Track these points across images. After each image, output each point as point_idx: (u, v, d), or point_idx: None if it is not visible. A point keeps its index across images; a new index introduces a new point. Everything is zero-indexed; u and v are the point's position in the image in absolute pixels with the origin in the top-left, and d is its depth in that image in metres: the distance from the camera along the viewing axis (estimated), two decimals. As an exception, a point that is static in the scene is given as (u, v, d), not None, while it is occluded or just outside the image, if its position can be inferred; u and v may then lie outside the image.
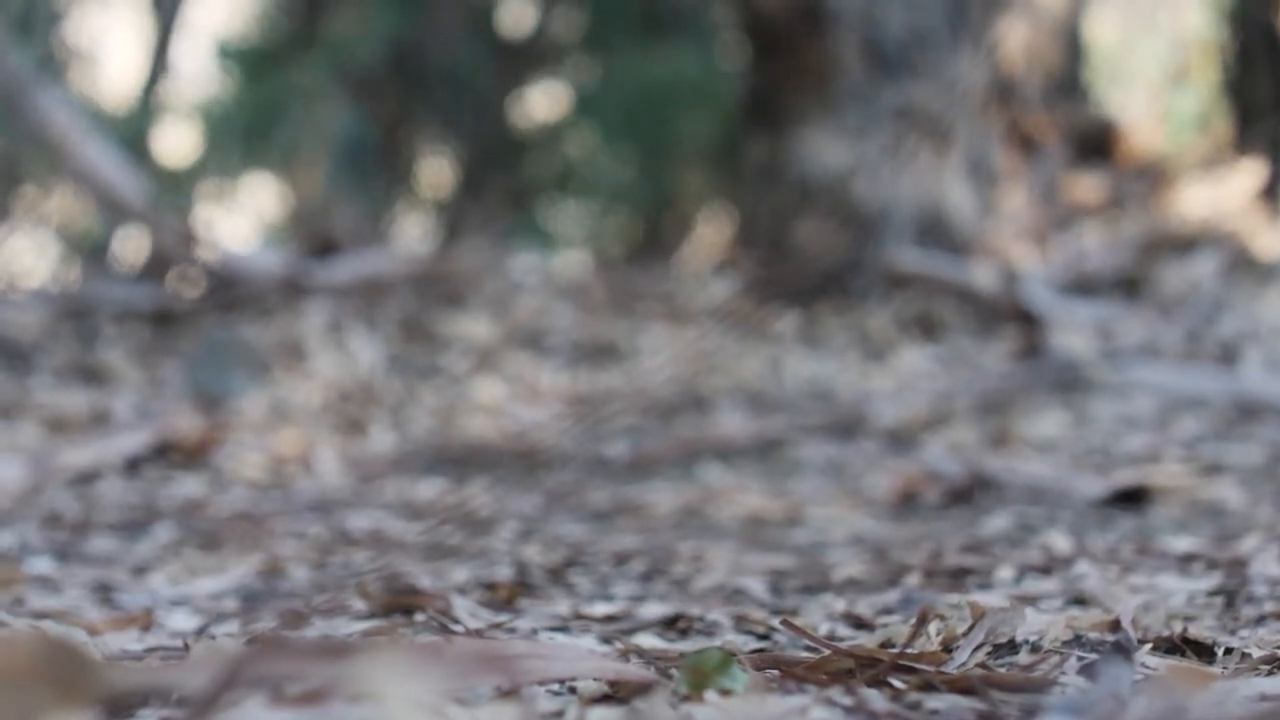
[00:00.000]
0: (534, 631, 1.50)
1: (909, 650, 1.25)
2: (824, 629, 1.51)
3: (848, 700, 1.10)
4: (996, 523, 2.19)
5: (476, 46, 8.05)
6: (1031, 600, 1.63)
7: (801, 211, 4.65)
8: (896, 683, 1.16)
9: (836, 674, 1.18)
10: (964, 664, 1.23)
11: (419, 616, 1.53)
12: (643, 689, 1.14)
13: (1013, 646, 1.32)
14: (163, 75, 8.10)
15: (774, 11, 4.67)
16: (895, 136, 4.67)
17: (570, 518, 2.39)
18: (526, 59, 8.32)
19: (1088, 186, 6.01)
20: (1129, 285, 4.75)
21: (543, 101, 8.58)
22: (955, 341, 4.12)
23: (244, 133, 7.78)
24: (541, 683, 1.17)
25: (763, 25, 4.71)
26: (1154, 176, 6.18)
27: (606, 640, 1.46)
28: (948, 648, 1.28)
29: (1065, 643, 1.33)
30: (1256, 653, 1.29)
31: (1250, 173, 5.91)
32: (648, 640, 1.47)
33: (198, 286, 4.54)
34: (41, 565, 1.99)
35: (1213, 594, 1.62)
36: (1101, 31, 7.22)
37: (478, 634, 1.45)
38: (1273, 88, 6.21)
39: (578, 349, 4.18)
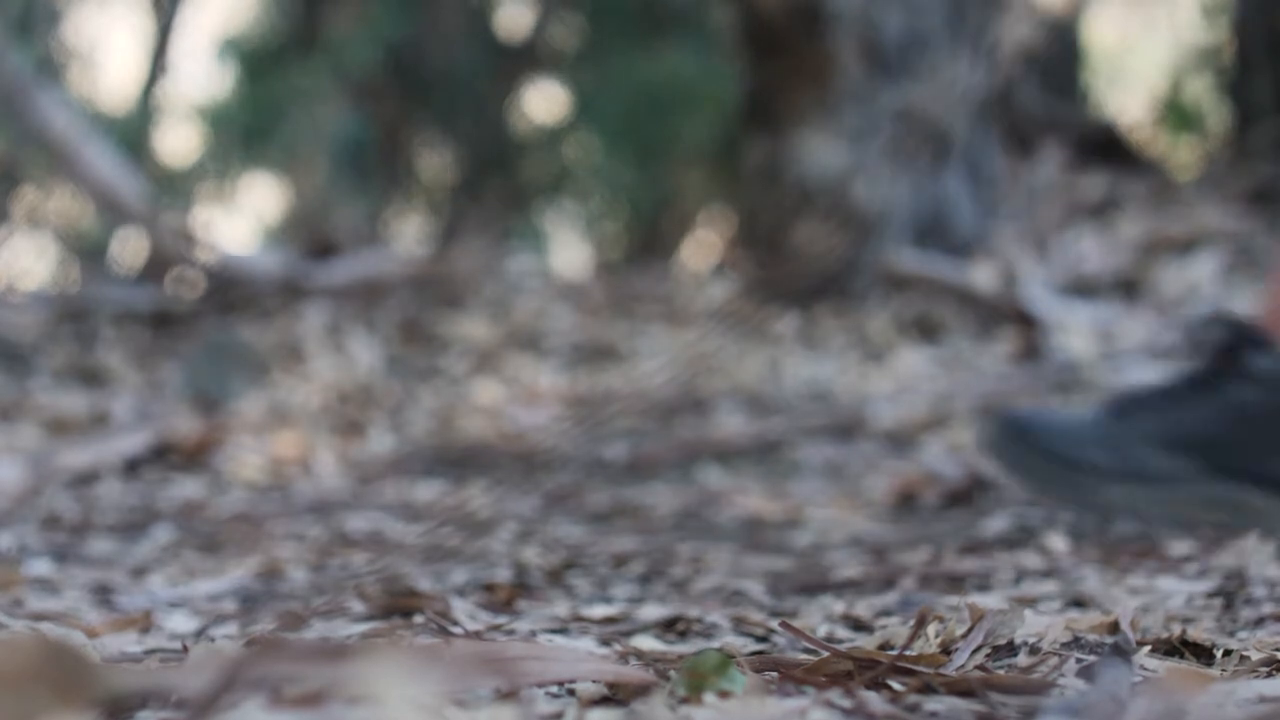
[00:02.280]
0: (533, 633, 1.50)
1: (908, 652, 1.25)
2: (823, 631, 1.51)
3: (847, 702, 1.10)
4: (995, 524, 2.19)
5: (475, 49, 8.05)
6: (1030, 602, 1.63)
7: (800, 213, 4.65)
8: (895, 685, 1.16)
9: (835, 676, 1.18)
10: (963, 666, 1.23)
11: (418, 618, 1.53)
12: (642, 691, 1.14)
13: (1011, 648, 1.32)
14: (162, 76, 8.11)
15: (772, 13, 4.67)
16: (894, 138, 4.67)
17: (569, 519, 2.39)
18: (525, 61, 8.32)
19: (1087, 188, 6.01)
20: (1128, 287, 4.76)
21: (542, 103, 8.58)
22: (954, 343, 4.13)
23: (243, 134, 7.79)
24: (540, 684, 1.17)
25: (761, 27, 4.71)
26: (1154, 178, 6.18)
27: (605, 642, 1.46)
28: (947, 650, 1.28)
29: (1064, 645, 1.33)
30: (1255, 655, 1.29)
31: (1250, 174, 5.91)
32: (646, 642, 1.47)
33: (197, 288, 4.54)
34: (40, 567, 1.99)
35: (1211, 596, 1.62)
36: (1101, 33, 7.22)
37: (476, 636, 1.45)
38: (1272, 88, 6.21)
39: (577, 351, 4.18)
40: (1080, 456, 1.94)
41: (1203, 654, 1.32)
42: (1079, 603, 1.62)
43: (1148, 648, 1.33)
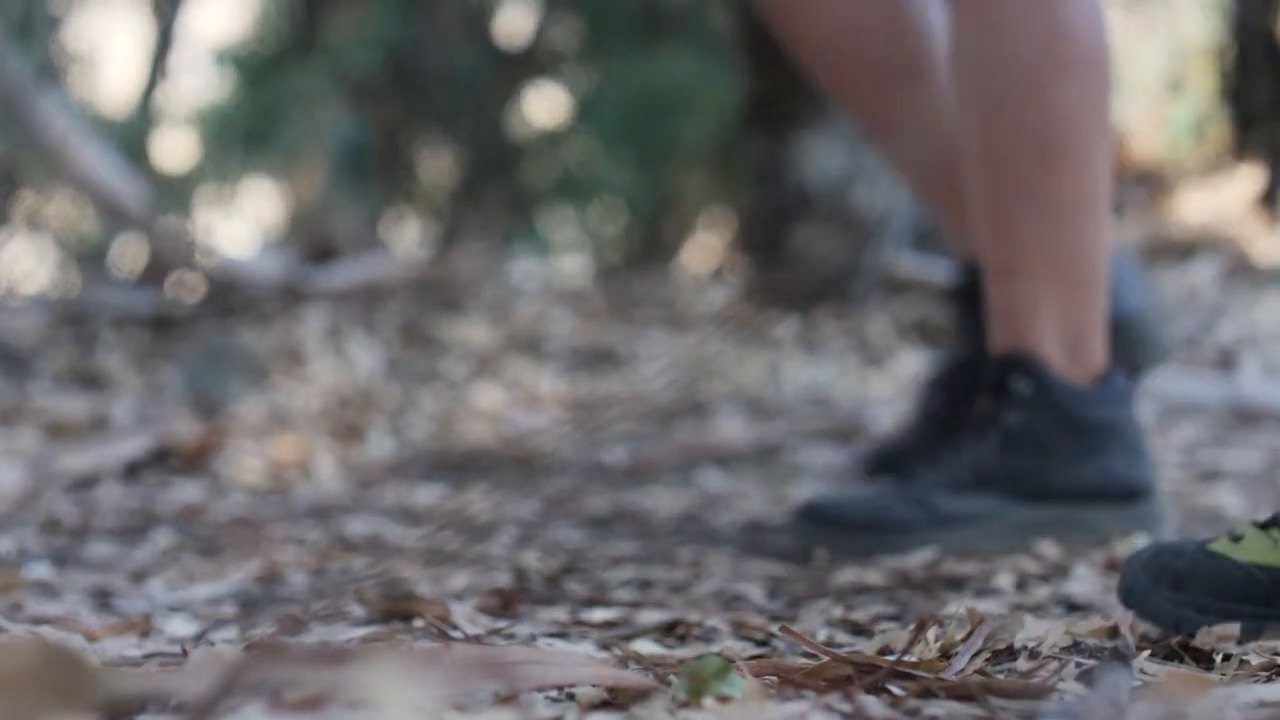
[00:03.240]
0: (532, 637, 1.50)
1: (907, 657, 1.25)
2: (822, 635, 1.51)
3: (846, 707, 1.10)
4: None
5: (475, 52, 8.05)
6: (1030, 607, 1.63)
7: (800, 217, 4.66)
8: (895, 689, 1.17)
9: (835, 680, 1.18)
10: (962, 670, 1.24)
11: (417, 622, 1.53)
12: (641, 695, 1.14)
13: (1011, 653, 1.33)
14: (162, 80, 8.11)
15: (773, 17, 4.67)
16: (894, 142, 4.66)
17: (569, 523, 2.39)
18: (525, 64, 8.33)
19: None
20: (1128, 291, 4.75)
21: (542, 107, 8.58)
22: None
23: (243, 138, 7.78)
24: (540, 689, 1.17)
25: (761, 30, 4.71)
26: (1153, 183, 6.18)
27: (605, 646, 1.46)
28: (946, 654, 1.28)
29: (1064, 649, 1.33)
30: (1255, 659, 1.29)
31: (1249, 179, 5.92)
32: (646, 646, 1.47)
33: (197, 292, 4.54)
34: (40, 570, 1.99)
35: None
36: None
37: (476, 640, 1.45)
38: (1271, 94, 6.21)
39: (577, 354, 4.18)
40: (888, 518, 1.99)
41: (1202, 658, 1.32)
42: (1078, 607, 1.62)
43: (1147, 652, 1.33)
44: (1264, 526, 1.43)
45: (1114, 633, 1.35)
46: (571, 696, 1.17)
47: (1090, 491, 2.04)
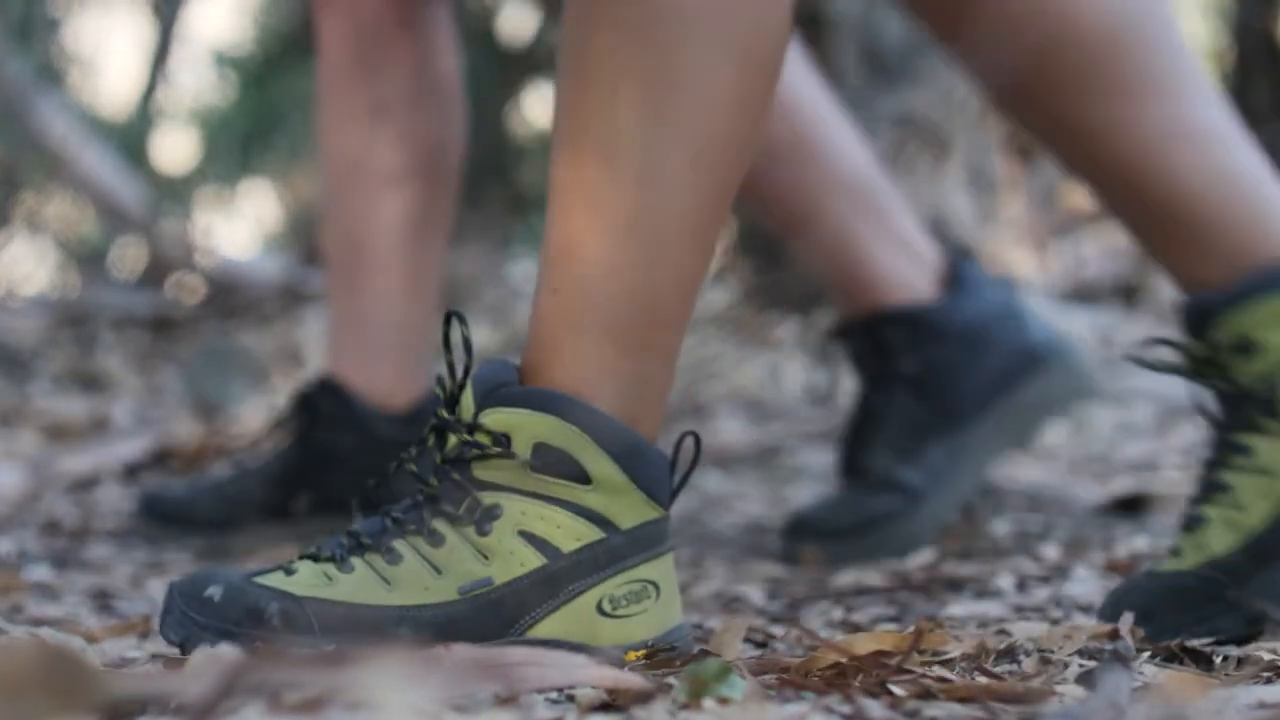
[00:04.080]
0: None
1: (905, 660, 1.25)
2: (822, 636, 1.51)
3: (846, 708, 1.10)
4: (995, 530, 2.19)
5: (476, 52, 8.05)
6: (1030, 608, 1.63)
7: (800, 219, 4.65)
8: (896, 689, 1.17)
9: (834, 679, 1.18)
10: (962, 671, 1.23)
11: (417, 624, 1.53)
12: (641, 697, 1.14)
13: (1012, 654, 1.33)
14: (162, 82, 8.11)
15: (773, 19, 4.67)
16: (894, 144, 4.67)
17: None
18: (525, 64, 8.33)
19: (1087, 194, 5.99)
20: (1128, 292, 4.76)
21: (542, 108, 8.59)
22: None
23: (243, 139, 7.79)
24: (540, 690, 1.17)
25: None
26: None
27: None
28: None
29: (1064, 651, 1.33)
30: (1254, 660, 1.29)
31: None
32: (646, 648, 1.47)
33: (196, 293, 4.55)
34: (40, 572, 1.99)
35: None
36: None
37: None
38: (1271, 96, 6.22)
39: (576, 356, 4.17)
40: (875, 513, 1.99)
41: (1202, 660, 1.32)
42: (1079, 609, 1.62)
43: (1147, 654, 1.33)
44: (1187, 528, 1.45)
45: (1114, 635, 1.36)
46: (571, 698, 1.17)
47: (1015, 375, 2.02)
